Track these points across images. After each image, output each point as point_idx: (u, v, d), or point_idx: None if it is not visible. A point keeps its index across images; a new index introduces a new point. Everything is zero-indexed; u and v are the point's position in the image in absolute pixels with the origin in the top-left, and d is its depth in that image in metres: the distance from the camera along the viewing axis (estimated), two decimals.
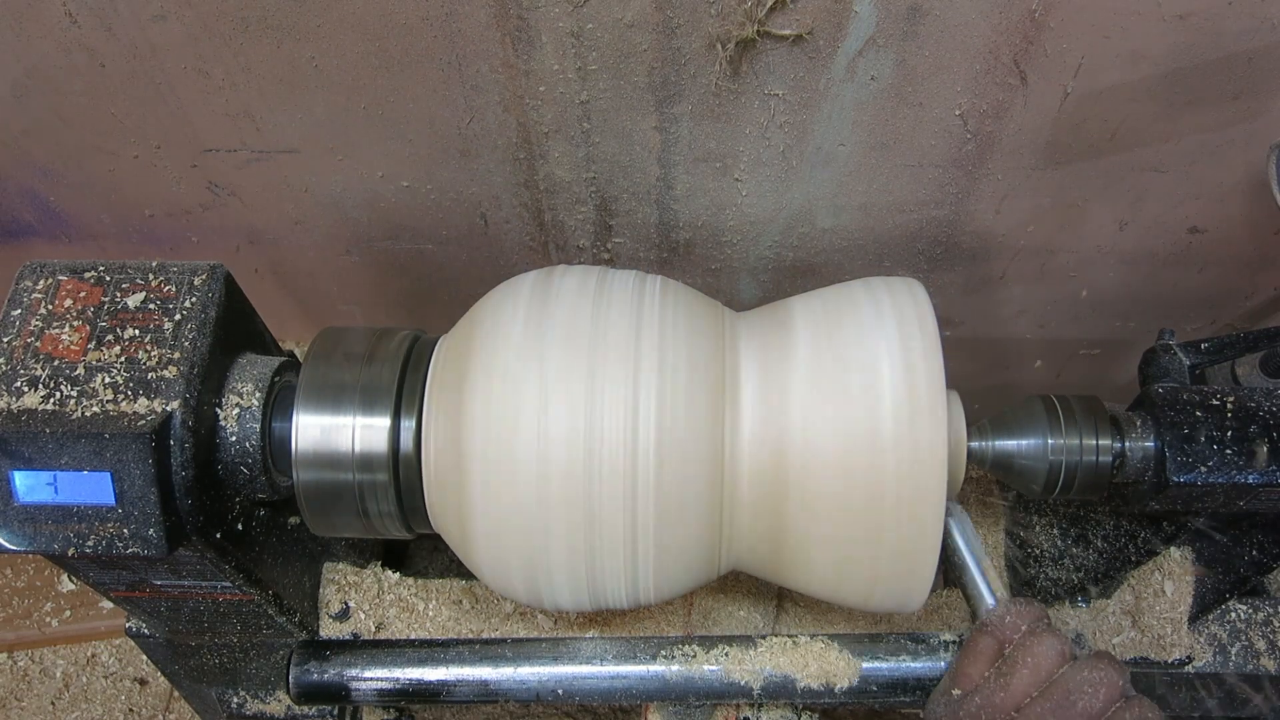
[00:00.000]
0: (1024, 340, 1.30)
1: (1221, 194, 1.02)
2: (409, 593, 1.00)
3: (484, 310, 0.83)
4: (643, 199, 1.06)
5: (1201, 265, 1.14)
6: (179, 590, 0.85)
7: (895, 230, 1.09)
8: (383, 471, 0.81)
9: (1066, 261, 1.14)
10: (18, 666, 1.65)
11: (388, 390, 0.81)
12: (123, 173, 1.06)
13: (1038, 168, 0.99)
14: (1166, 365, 0.91)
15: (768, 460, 0.77)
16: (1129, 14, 0.81)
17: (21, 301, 0.78)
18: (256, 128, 0.98)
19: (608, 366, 0.76)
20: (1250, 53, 0.84)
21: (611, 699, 0.89)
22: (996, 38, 0.84)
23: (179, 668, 1.00)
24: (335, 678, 0.91)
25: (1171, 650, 0.97)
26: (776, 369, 0.79)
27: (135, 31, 0.88)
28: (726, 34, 0.83)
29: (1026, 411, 0.85)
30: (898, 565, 0.78)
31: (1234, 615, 0.98)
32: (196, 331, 0.76)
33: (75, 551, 0.72)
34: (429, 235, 1.14)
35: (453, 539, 0.84)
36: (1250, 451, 0.78)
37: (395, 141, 0.99)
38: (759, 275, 1.17)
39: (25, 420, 0.71)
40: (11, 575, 1.66)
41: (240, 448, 0.79)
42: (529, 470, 0.76)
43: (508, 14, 0.84)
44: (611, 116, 0.95)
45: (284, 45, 0.88)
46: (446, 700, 0.91)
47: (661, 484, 0.76)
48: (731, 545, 0.82)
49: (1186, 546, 0.98)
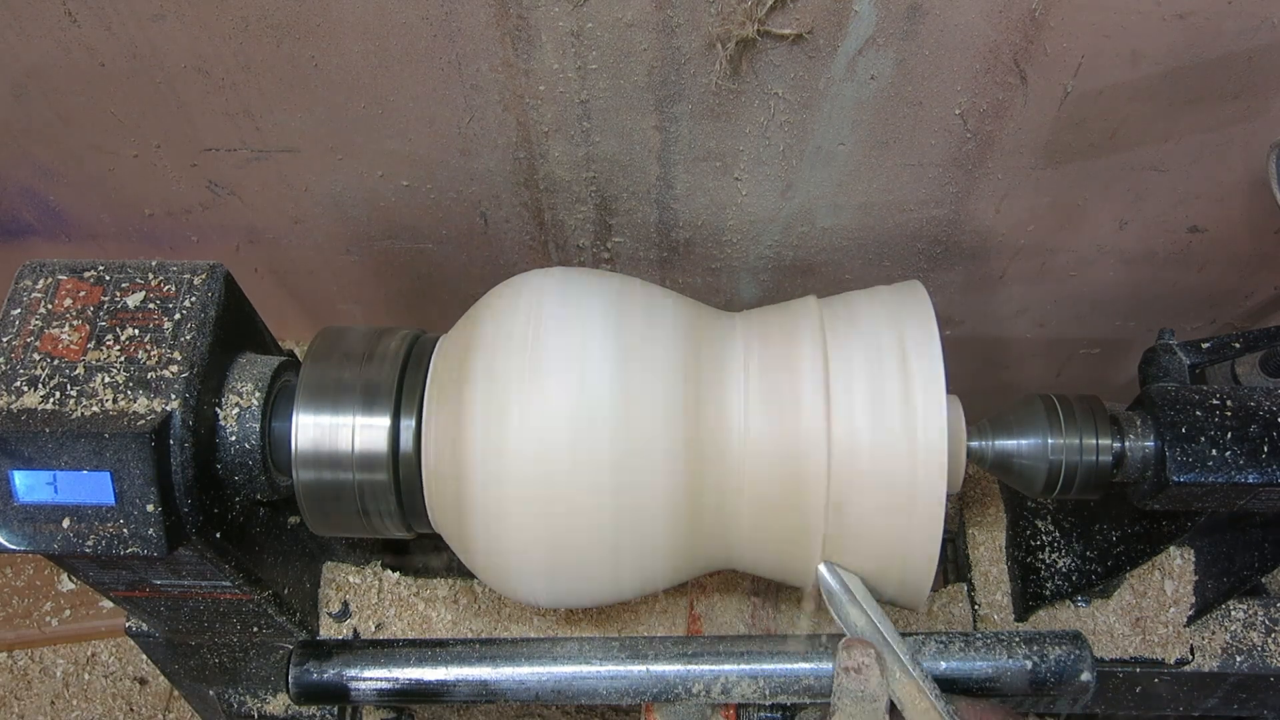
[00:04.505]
0: (1024, 340, 1.30)
1: (1221, 194, 1.02)
2: (409, 593, 1.00)
3: (484, 310, 0.83)
4: (642, 198, 1.06)
5: (1201, 265, 1.14)
6: (179, 590, 0.85)
7: (895, 229, 1.09)
8: (382, 471, 0.81)
9: (1066, 261, 1.14)
10: (18, 666, 1.65)
11: (388, 390, 0.81)
12: (123, 172, 1.06)
13: (1038, 167, 0.99)
14: (1166, 365, 0.91)
15: (766, 461, 0.77)
16: (1129, 13, 0.81)
17: (21, 301, 0.77)
18: (256, 127, 0.98)
19: (604, 367, 0.76)
20: (1250, 52, 0.84)
21: (611, 699, 0.89)
22: (996, 37, 0.84)
23: (179, 667, 1.00)
24: (335, 678, 0.91)
25: (1171, 650, 0.97)
26: (774, 370, 0.79)
27: (135, 31, 0.88)
28: (726, 33, 0.83)
29: (1026, 411, 0.85)
30: (900, 562, 0.78)
31: (1234, 615, 0.98)
32: (196, 331, 0.76)
33: (75, 551, 0.72)
34: (429, 235, 1.14)
35: (453, 539, 0.84)
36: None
37: (395, 141, 0.99)
38: (759, 274, 1.17)
39: (25, 420, 0.71)
40: (11, 575, 1.66)
41: (240, 447, 0.79)
42: (529, 470, 0.76)
43: (508, 13, 0.84)
44: (611, 116, 0.95)
45: (284, 45, 0.88)
46: (446, 700, 0.91)
47: (657, 481, 0.76)
48: (722, 542, 0.82)
49: (1186, 546, 0.98)
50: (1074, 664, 0.85)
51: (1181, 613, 0.97)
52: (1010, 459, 0.84)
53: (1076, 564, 0.99)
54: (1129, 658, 0.97)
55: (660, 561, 0.81)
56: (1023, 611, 1.02)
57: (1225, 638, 0.97)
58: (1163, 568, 0.98)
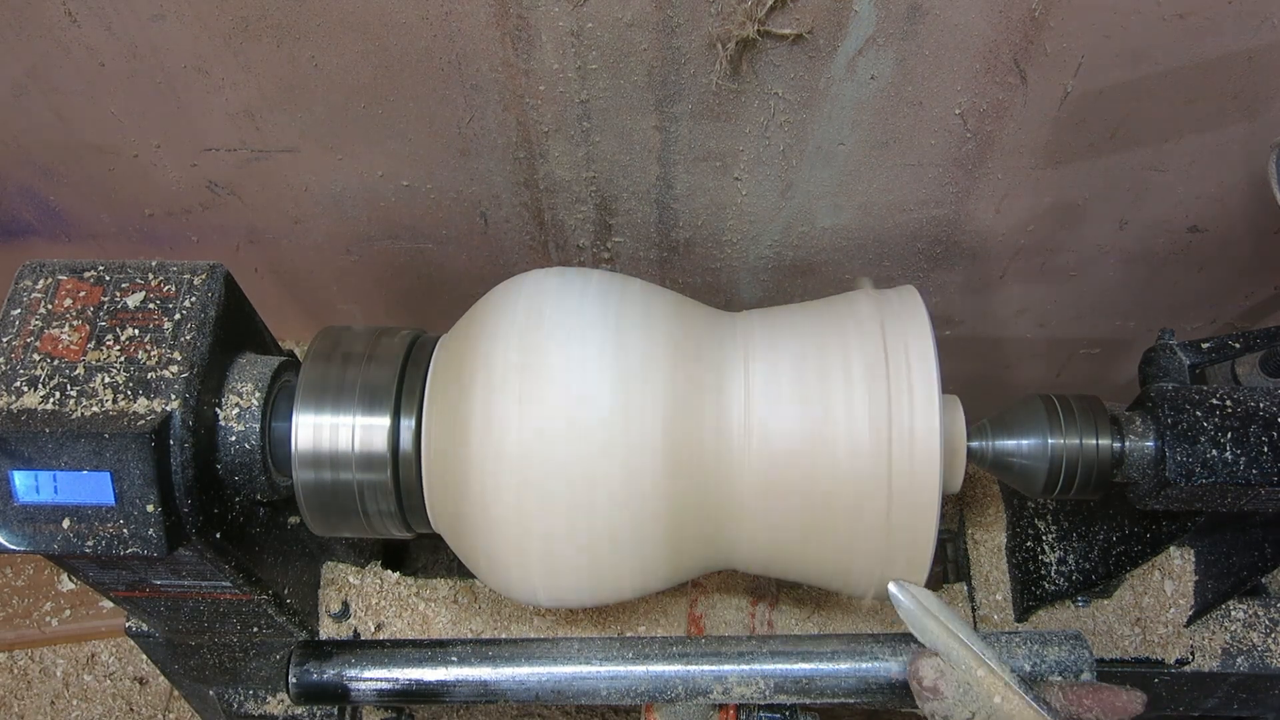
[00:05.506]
0: (1024, 340, 1.30)
1: (1221, 193, 1.02)
2: (409, 593, 1.00)
3: (484, 310, 0.83)
4: (642, 198, 1.06)
5: (1201, 265, 1.14)
6: (179, 590, 0.85)
7: (895, 229, 1.09)
8: (382, 471, 0.81)
9: (1066, 261, 1.14)
10: (18, 666, 1.65)
11: (387, 390, 0.81)
12: (123, 172, 1.06)
13: (1038, 167, 0.99)
14: (1166, 365, 0.91)
15: (766, 460, 0.77)
16: (1129, 13, 0.81)
17: (21, 301, 0.77)
18: (256, 127, 0.98)
19: (603, 367, 0.77)
20: (1250, 52, 0.84)
21: (611, 699, 0.89)
22: (996, 37, 0.84)
23: (179, 667, 1.00)
24: (335, 678, 0.91)
25: (1171, 650, 0.97)
26: (774, 370, 0.79)
27: (135, 31, 0.88)
28: (726, 33, 0.83)
29: (1027, 411, 0.85)
30: (896, 557, 0.78)
31: (1234, 615, 0.98)
32: (196, 331, 0.76)
33: (75, 551, 0.72)
34: (429, 235, 1.14)
35: (452, 539, 0.84)
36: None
37: (395, 141, 0.99)
38: (759, 274, 1.17)
39: (25, 420, 0.71)
40: (11, 575, 1.66)
41: (240, 447, 0.79)
42: (528, 470, 0.76)
43: (507, 13, 0.84)
44: (611, 116, 0.95)
45: (284, 45, 0.88)
46: (446, 700, 0.91)
47: (657, 482, 0.76)
48: (722, 541, 0.82)
49: (1186, 546, 0.98)
50: (1074, 664, 0.85)
51: (1181, 613, 0.97)
52: (1010, 459, 0.84)
53: (1076, 564, 0.99)
54: (1129, 658, 0.97)
55: (660, 561, 0.81)
56: (1023, 611, 1.02)
57: (1225, 638, 0.97)
58: (1163, 568, 0.98)
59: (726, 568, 0.87)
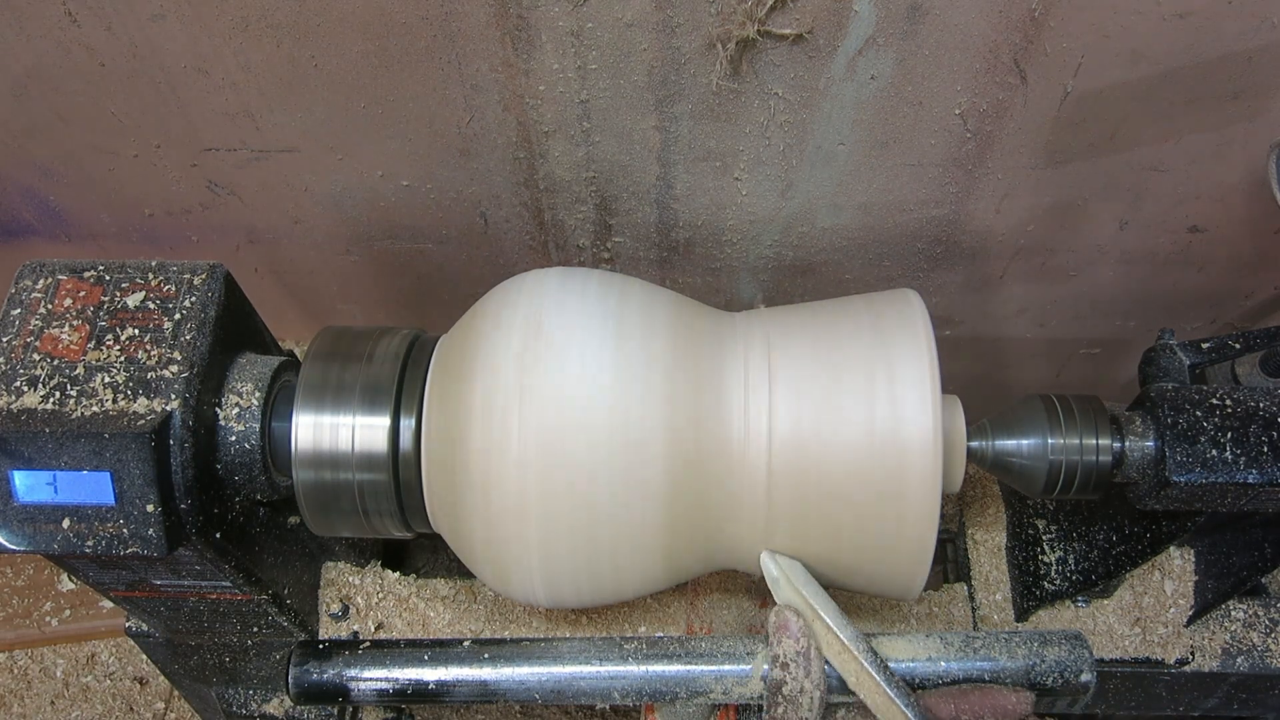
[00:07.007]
0: (1024, 340, 1.30)
1: (1221, 193, 1.02)
2: (409, 592, 1.00)
3: (484, 309, 0.83)
4: (642, 198, 1.06)
5: (1201, 265, 1.14)
6: (179, 590, 0.85)
7: (895, 229, 1.09)
8: (382, 471, 0.81)
9: (1066, 261, 1.14)
10: (18, 666, 1.65)
11: (387, 389, 0.81)
12: (123, 172, 1.06)
13: (1038, 167, 0.99)
14: (1166, 365, 0.91)
15: (766, 460, 0.77)
16: (1129, 13, 0.81)
17: (21, 301, 0.77)
18: (256, 127, 0.98)
19: (603, 367, 0.77)
20: (1250, 52, 0.84)
21: (611, 699, 0.89)
22: (996, 37, 0.84)
23: (179, 667, 1.00)
24: (335, 678, 0.91)
25: (1171, 650, 0.97)
26: (773, 370, 0.79)
27: (135, 30, 0.88)
28: (726, 33, 0.83)
29: (1026, 411, 0.85)
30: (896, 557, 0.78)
31: (1234, 615, 0.98)
32: (196, 331, 0.76)
33: (75, 551, 0.72)
34: (429, 234, 1.14)
35: (452, 538, 0.84)
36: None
37: (395, 141, 0.99)
38: (759, 275, 1.17)
39: (25, 420, 0.71)
40: (11, 575, 1.66)
41: (240, 447, 0.79)
42: (528, 470, 0.76)
43: (507, 13, 0.84)
44: (611, 116, 0.95)
45: (284, 45, 0.88)
46: (446, 701, 0.91)
47: (657, 481, 0.76)
48: (722, 541, 0.82)
49: (1186, 546, 0.98)
50: (1074, 664, 0.85)
51: (1181, 613, 0.97)
52: (1010, 459, 0.84)
53: (1076, 564, 0.99)
54: (1129, 658, 0.97)
55: (660, 561, 0.81)
56: (1023, 611, 1.02)
57: (1225, 638, 0.97)
58: (1163, 568, 0.98)
59: (727, 567, 0.87)
